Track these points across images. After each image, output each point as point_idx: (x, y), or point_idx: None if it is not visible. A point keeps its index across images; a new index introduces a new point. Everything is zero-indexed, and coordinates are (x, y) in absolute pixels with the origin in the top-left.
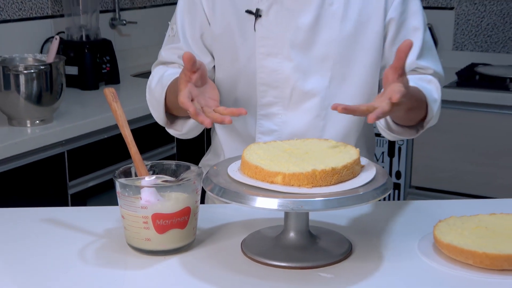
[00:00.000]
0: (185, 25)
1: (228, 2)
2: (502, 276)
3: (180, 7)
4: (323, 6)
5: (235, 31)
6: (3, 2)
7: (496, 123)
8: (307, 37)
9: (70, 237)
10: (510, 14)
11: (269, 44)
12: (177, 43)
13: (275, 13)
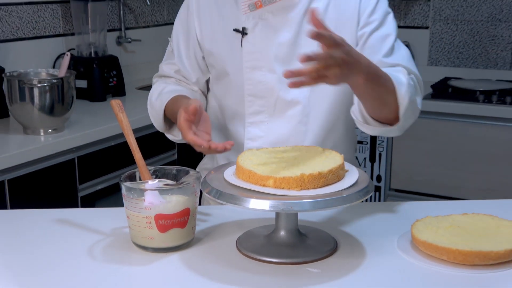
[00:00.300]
0: (180, 44)
1: (217, 22)
2: (474, 270)
3: (175, 27)
4: (302, 23)
5: (224, 48)
6: (19, 22)
7: (468, 132)
8: (288, 51)
9: (79, 236)
10: (479, 33)
11: (254, 59)
12: (173, 59)
13: (260, 31)
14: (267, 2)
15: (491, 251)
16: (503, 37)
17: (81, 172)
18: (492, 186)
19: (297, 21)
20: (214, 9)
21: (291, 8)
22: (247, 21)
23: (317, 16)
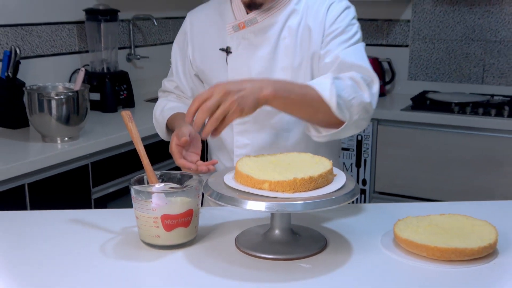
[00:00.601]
0: (177, 64)
1: (207, 43)
2: (450, 266)
3: (174, 49)
4: (278, 39)
5: (213, 66)
6: (39, 41)
7: (444, 140)
8: (267, 65)
9: (92, 235)
10: (454, 51)
11: (238, 74)
12: (173, 77)
13: (242, 49)
14: (249, 23)
15: (466, 248)
16: (476, 55)
17: (94, 177)
18: (467, 189)
19: (275, 38)
20: (205, 33)
21: (270, 27)
22: (231, 41)
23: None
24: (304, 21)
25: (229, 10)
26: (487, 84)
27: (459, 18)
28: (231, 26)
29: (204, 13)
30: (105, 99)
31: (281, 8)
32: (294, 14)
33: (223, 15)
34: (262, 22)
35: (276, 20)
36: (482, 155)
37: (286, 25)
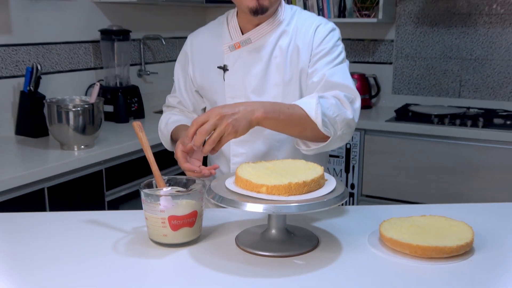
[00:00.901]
0: (180, 81)
1: (206, 62)
2: (431, 262)
3: (176, 68)
4: (270, 58)
5: (212, 82)
6: (58, 58)
7: (425, 148)
8: (260, 82)
9: (106, 234)
10: (433, 67)
11: (234, 90)
12: (176, 93)
13: (238, 67)
14: (244, 43)
15: (445, 246)
16: (453, 71)
17: (108, 181)
18: (445, 192)
19: (267, 57)
20: (204, 52)
21: (263, 46)
22: (228, 59)
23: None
24: (293, 41)
25: (226, 31)
26: (464, 98)
27: (438, 38)
28: (228, 46)
29: (203, 35)
30: (118, 111)
31: (273, 29)
32: (285, 34)
33: (220, 36)
34: (256, 42)
35: (268, 40)
36: (459, 162)
37: (277, 45)
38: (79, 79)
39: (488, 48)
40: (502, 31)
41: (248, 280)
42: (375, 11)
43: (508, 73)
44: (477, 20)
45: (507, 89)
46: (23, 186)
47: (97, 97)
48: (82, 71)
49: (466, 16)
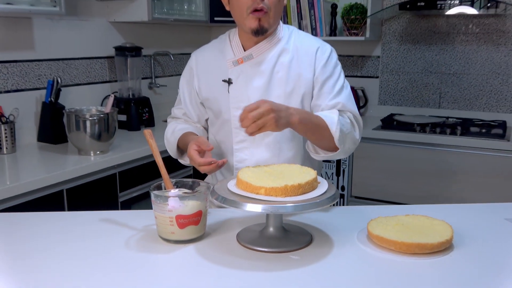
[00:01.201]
0: (185, 94)
1: (211, 76)
2: (414, 257)
3: (181, 82)
4: (272, 73)
5: (217, 94)
6: (76, 72)
7: (408, 153)
8: (262, 94)
9: (119, 231)
10: (416, 81)
11: (238, 101)
12: (181, 105)
13: (241, 80)
14: (246, 59)
15: (427, 243)
16: (433, 84)
17: (121, 183)
18: (427, 194)
19: (268, 72)
20: (209, 67)
21: (263, 62)
22: (232, 73)
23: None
24: (295, 59)
25: (228, 48)
26: (443, 108)
27: (420, 54)
28: (231, 61)
29: (207, 52)
30: (130, 120)
31: (272, 46)
32: (285, 52)
33: (224, 53)
34: (257, 58)
35: (268, 56)
36: (439, 167)
37: (279, 61)
38: (95, 91)
39: (465, 63)
40: (477, 48)
41: (248, 274)
42: (363, 30)
43: (483, 86)
44: (455, 38)
45: (482, 101)
46: (44, 188)
47: (111, 108)
48: (98, 84)
49: (445, 34)
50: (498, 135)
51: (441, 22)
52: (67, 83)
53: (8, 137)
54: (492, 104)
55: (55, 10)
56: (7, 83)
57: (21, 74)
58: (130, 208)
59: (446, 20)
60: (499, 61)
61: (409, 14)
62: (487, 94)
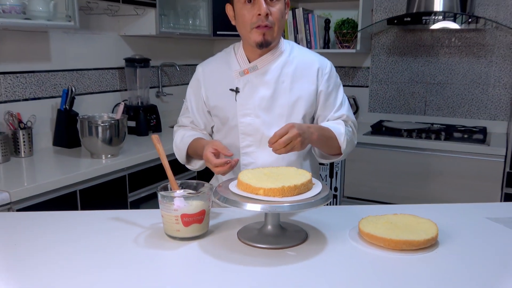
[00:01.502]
0: (192, 103)
1: (218, 85)
2: (402, 253)
3: (188, 92)
4: (277, 83)
5: (224, 102)
6: (90, 82)
7: (396, 157)
8: (268, 103)
9: (128, 229)
10: (403, 90)
11: (245, 108)
12: (189, 114)
13: (248, 89)
14: (251, 70)
15: (414, 240)
16: (419, 93)
17: (130, 184)
18: (413, 194)
19: (273, 82)
20: (216, 78)
21: (267, 72)
22: (238, 83)
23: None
24: (298, 71)
25: (234, 60)
26: (428, 115)
27: (406, 65)
28: (238, 72)
29: (213, 64)
30: (139, 126)
31: (275, 59)
32: (288, 64)
33: (229, 64)
34: (262, 69)
35: (272, 67)
36: (425, 169)
37: (283, 72)
38: (107, 99)
39: (448, 74)
40: (459, 60)
41: (248, 268)
42: (354, 43)
43: (465, 95)
44: (439, 51)
45: (464, 108)
46: (59, 189)
47: (122, 114)
48: (109, 93)
49: (429, 47)
50: (479, 140)
51: (426, 36)
52: (80, 92)
53: (26, 142)
54: (473, 112)
55: (70, 25)
56: (25, 91)
57: (38, 83)
58: (138, 207)
59: (430, 34)
60: (479, 72)
61: (397, 28)
62: (468, 102)
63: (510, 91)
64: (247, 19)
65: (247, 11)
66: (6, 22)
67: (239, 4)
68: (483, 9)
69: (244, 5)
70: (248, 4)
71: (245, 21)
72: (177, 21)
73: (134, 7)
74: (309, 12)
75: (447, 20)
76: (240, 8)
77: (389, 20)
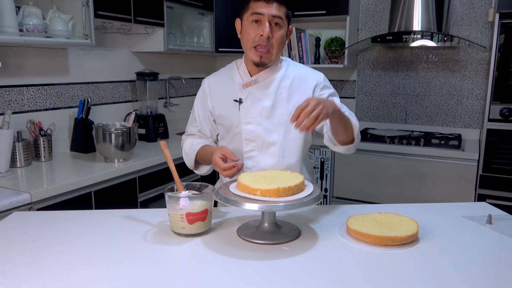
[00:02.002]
0: (199, 113)
1: (223, 96)
2: (386, 249)
3: (196, 103)
4: (276, 94)
5: (229, 112)
6: (104, 93)
7: (380, 161)
8: (269, 112)
9: (138, 226)
10: (386, 101)
11: (247, 117)
12: (196, 123)
13: (250, 100)
14: (253, 83)
15: (396, 236)
16: (400, 104)
17: (140, 186)
18: (396, 195)
19: (273, 93)
20: (221, 90)
21: (268, 85)
22: (241, 94)
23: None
24: (295, 84)
25: (237, 74)
26: (409, 124)
27: (389, 79)
28: (241, 84)
29: (218, 78)
30: (148, 133)
31: (274, 73)
32: (286, 78)
33: (232, 78)
34: (262, 82)
35: (271, 81)
36: (406, 172)
37: (281, 85)
38: (119, 109)
39: (426, 86)
40: (436, 74)
41: (247, 262)
42: (341, 59)
43: (442, 106)
44: (418, 66)
45: (441, 117)
46: (75, 190)
47: (133, 123)
48: (121, 103)
49: (409, 63)
50: (455, 146)
51: (406, 52)
52: (95, 103)
53: (46, 147)
54: (449, 120)
55: (87, 42)
56: (46, 102)
57: (57, 95)
58: (147, 206)
59: (410, 51)
60: (454, 85)
61: (380, 46)
62: (445, 112)
63: (482, 102)
64: (251, 37)
65: (253, 29)
66: (30, 40)
67: (247, 22)
68: (457, 28)
69: (251, 24)
70: (255, 24)
71: (249, 38)
72: (183, 39)
73: (144, 27)
74: (301, 31)
75: (425, 39)
76: (247, 26)
77: (373, 38)
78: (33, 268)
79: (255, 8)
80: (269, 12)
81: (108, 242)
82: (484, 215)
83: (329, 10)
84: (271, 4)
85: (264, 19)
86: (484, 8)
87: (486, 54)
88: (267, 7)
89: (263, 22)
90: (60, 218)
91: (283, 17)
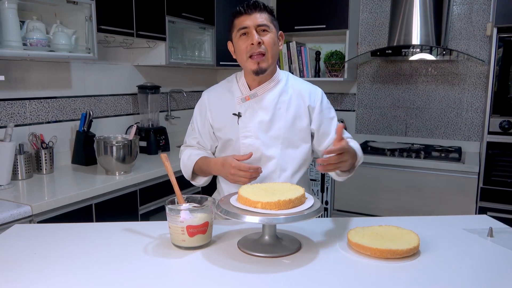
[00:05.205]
0: (199, 125)
1: (222, 110)
2: (387, 262)
3: (195, 115)
4: (275, 108)
5: (228, 125)
6: (106, 106)
7: (380, 173)
8: (267, 126)
9: (138, 239)
10: (386, 114)
11: (246, 131)
12: (195, 135)
13: (249, 114)
14: (252, 97)
15: (397, 249)
16: (400, 117)
17: (141, 198)
18: (396, 208)
19: (271, 108)
20: (220, 103)
21: (266, 99)
22: (240, 108)
23: (340, 131)
24: (293, 98)
25: (236, 88)
26: (409, 136)
27: (389, 92)
28: (240, 98)
29: (217, 91)
30: (149, 146)
31: (273, 87)
32: (285, 92)
33: (231, 92)
34: (261, 96)
35: (270, 95)
36: (407, 184)
37: (280, 99)
38: (121, 122)
39: (426, 99)
40: (436, 87)
41: (247, 275)
42: (341, 72)
43: (442, 118)
44: (417, 79)
45: (441, 130)
46: (76, 203)
47: (134, 135)
48: (123, 116)
49: (409, 76)
50: (455, 158)
51: (405, 66)
52: (97, 115)
53: (47, 160)
54: (449, 133)
55: (89, 56)
56: (48, 115)
57: (60, 108)
58: (148, 219)
59: (409, 65)
60: (454, 98)
61: (379, 59)
62: (445, 125)
63: (481, 115)
64: (243, 49)
65: (243, 42)
66: (33, 54)
67: (236, 39)
68: (456, 42)
69: (240, 38)
70: (243, 37)
71: (241, 51)
72: (185, 53)
73: (146, 41)
74: (301, 45)
75: (424, 52)
76: (237, 41)
77: (372, 52)
78: (34, 281)
79: (239, 24)
80: (253, 23)
81: (108, 254)
82: (485, 228)
83: (329, 25)
84: (253, 14)
85: (250, 30)
86: (482, 23)
87: (485, 67)
88: (250, 18)
89: (250, 32)
90: (61, 230)
91: (267, 23)
